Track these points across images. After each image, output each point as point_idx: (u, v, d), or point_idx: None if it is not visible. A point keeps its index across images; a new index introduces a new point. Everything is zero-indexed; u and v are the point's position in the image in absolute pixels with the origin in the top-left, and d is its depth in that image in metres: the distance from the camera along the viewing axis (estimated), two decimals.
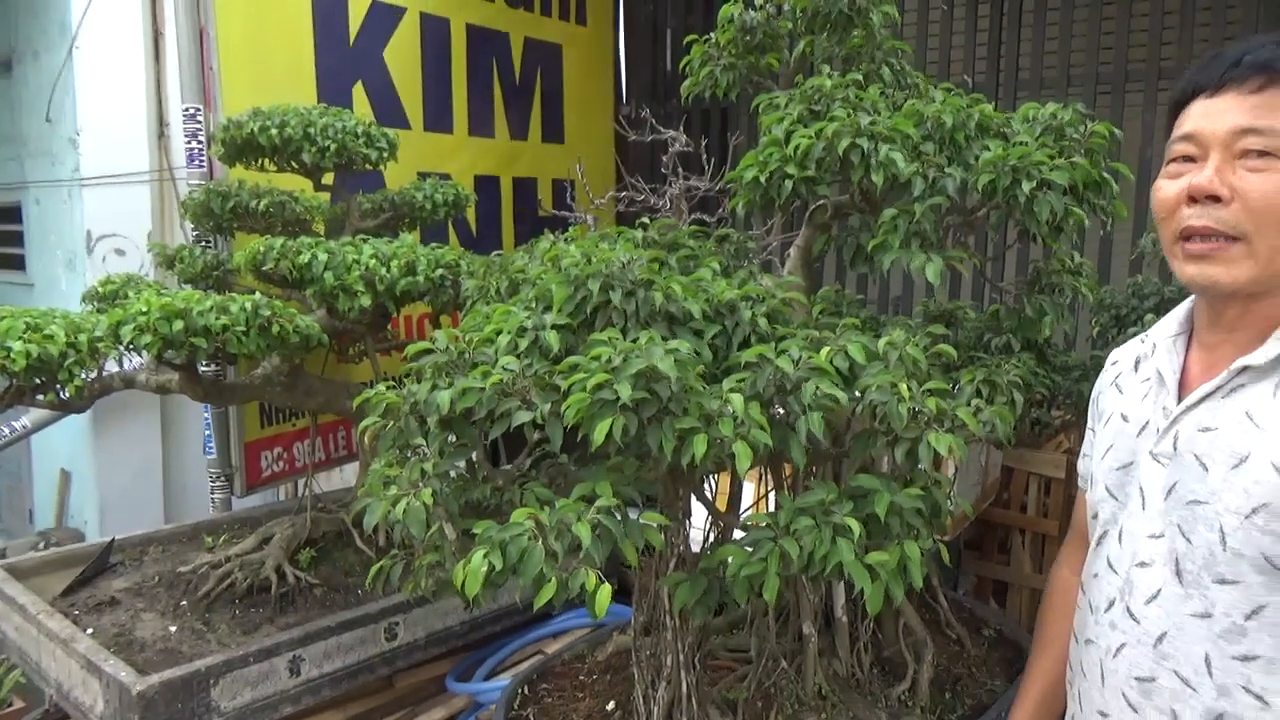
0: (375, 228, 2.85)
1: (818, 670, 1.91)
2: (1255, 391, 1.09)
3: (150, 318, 2.04)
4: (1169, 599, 1.14)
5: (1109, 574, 1.24)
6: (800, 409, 1.40)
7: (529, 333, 1.51)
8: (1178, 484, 1.14)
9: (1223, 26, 3.31)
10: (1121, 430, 1.27)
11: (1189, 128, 1.12)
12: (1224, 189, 1.07)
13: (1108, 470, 1.28)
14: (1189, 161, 1.11)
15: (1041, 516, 3.22)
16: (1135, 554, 1.20)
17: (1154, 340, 1.29)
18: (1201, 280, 1.11)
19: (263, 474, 3.11)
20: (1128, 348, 1.37)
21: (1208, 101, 1.10)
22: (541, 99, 4.21)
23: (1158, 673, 1.15)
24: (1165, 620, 1.15)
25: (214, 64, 2.88)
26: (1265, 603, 1.06)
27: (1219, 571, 1.09)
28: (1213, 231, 1.08)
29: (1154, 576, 1.16)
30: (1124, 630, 1.20)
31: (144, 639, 2.28)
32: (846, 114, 1.76)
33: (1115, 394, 1.33)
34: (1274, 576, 1.05)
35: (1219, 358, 1.15)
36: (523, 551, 1.24)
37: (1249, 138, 1.06)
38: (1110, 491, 1.27)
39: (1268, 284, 1.09)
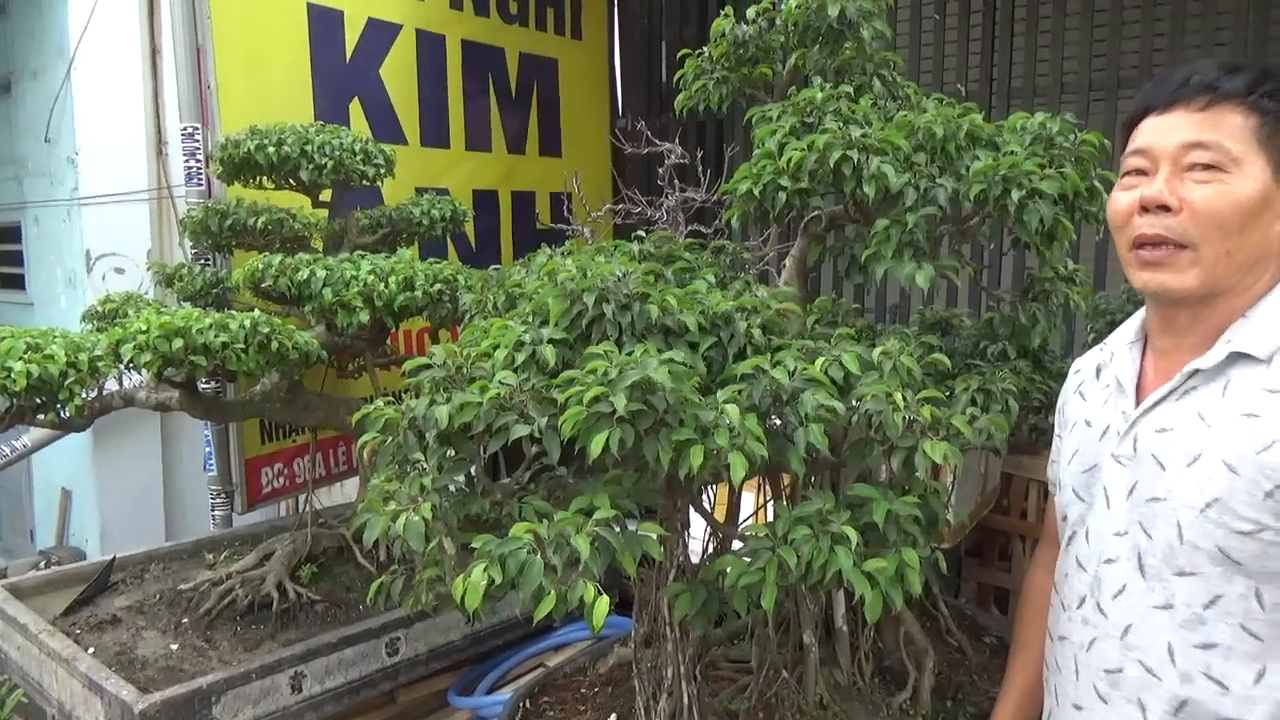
0: (373, 244, 2.87)
1: (819, 680, 1.91)
2: (1206, 393, 1.17)
3: (150, 336, 2.05)
4: (1133, 593, 1.21)
5: (1079, 572, 1.31)
6: (798, 420, 1.41)
7: (526, 347, 1.51)
8: (1138, 483, 1.21)
9: (1212, 33, 3.33)
10: (1086, 435, 1.34)
11: (1140, 143, 1.20)
12: (1173, 199, 1.14)
13: (1074, 474, 1.35)
14: (1141, 175, 1.19)
15: (1041, 523, 3.22)
16: (1102, 552, 1.26)
17: (1111, 348, 1.36)
18: (1154, 285, 1.19)
19: (263, 490, 3.11)
20: (1089, 356, 1.43)
21: (1158, 119, 1.19)
22: (538, 113, 4.24)
23: (1124, 664, 1.22)
24: (1130, 613, 1.21)
25: (211, 83, 2.89)
26: (1222, 592, 1.12)
27: (1178, 564, 1.15)
28: (1163, 239, 1.16)
29: (1119, 572, 1.23)
30: (1094, 625, 1.26)
31: (146, 657, 2.29)
32: (838, 126, 1.78)
33: (1079, 401, 1.40)
34: (1229, 567, 1.11)
35: (1172, 362, 1.22)
36: (522, 565, 1.25)
37: (1195, 151, 1.14)
38: (1077, 494, 1.34)
39: (1214, 289, 1.17)
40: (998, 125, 1.89)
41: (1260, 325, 1.15)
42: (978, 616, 2.54)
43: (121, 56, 3.89)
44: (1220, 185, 1.13)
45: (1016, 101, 3.69)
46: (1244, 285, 1.17)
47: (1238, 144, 1.13)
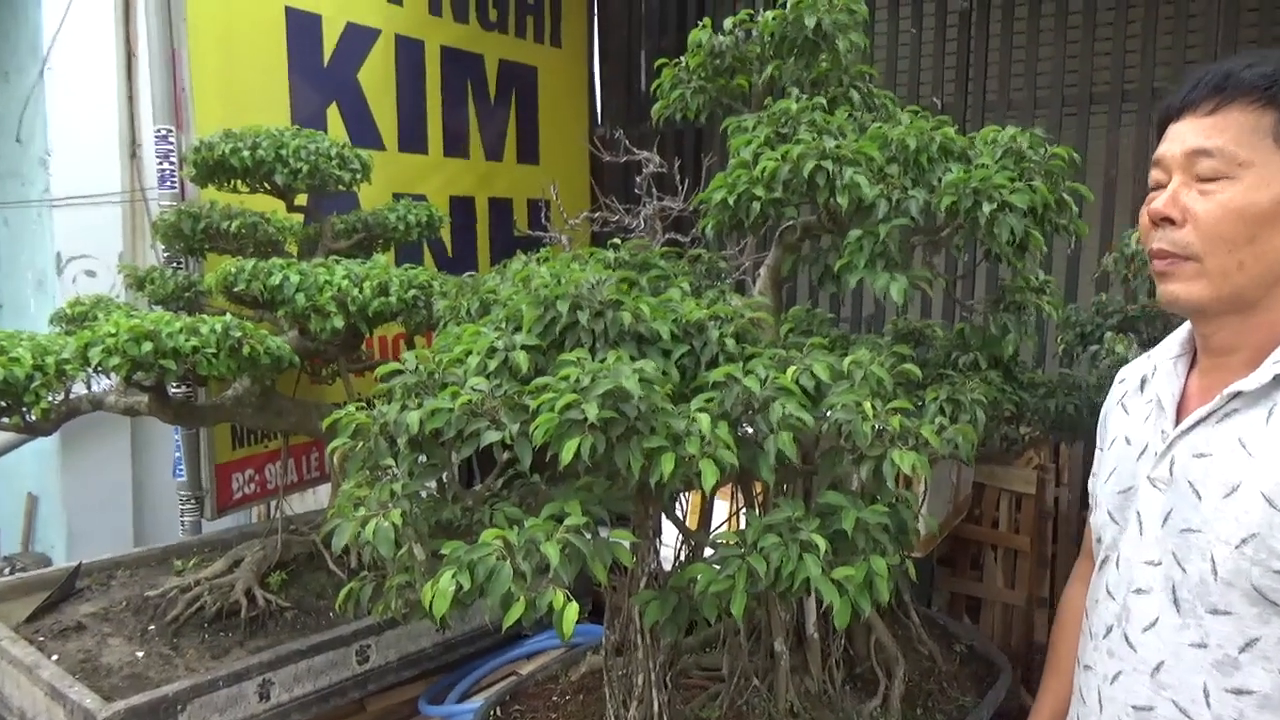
0: (348, 249, 2.85)
1: (789, 688, 1.91)
2: (1248, 417, 1.08)
3: (119, 339, 2.03)
4: (1167, 628, 1.12)
5: (1107, 600, 1.23)
6: (768, 428, 1.42)
7: (498, 353, 1.51)
8: (1173, 511, 1.13)
9: (1183, 50, 3.39)
10: (1124, 454, 1.26)
11: (1157, 152, 1.15)
12: (1176, 211, 1.10)
13: (1110, 494, 1.27)
14: (1160, 187, 1.14)
15: (1013, 532, 3.26)
16: (1132, 580, 1.18)
17: (1155, 361, 1.28)
18: (1166, 297, 1.13)
19: (234, 496, 3.08)
20: (1134, 365, 1.35)
21: (1174, 125, 1.13)
22: (516, 120, 4.24)
23: (1156, 702, 1.13)
24: (1163, 649, 1.12)
25: (186, 85, 2.87)
26: (1258, 635, 1.04)
27: (1211, 602, 1.07)
28: (1168, 254, 1.11)
29: (1151, 604, 1.14)
30: (1121, 657, 1.18)
31: (110, 665, 2.25)
32: (812, 137, 1.79)
33: (1121, 414, 1.31)
34: (1266, 608, 1.03)
35: (1214, 382, 1.14)
36: (490, 571, 1.24)
37: (1201, 159, 1.08)
38: (1111, 516, 1.26)
39: (1236, 303, 1.09)
40: (970, 138, 1.92)
41: None
42: (949, 625, 2.56)
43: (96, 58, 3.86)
44: (1224, 194, 1.06)
45: (991, 115, 3.73)
46: (1274, 299, 1.08)
47: (1246, 146, 1.05)
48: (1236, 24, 3.29)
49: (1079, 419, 2.13)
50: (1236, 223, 1.05)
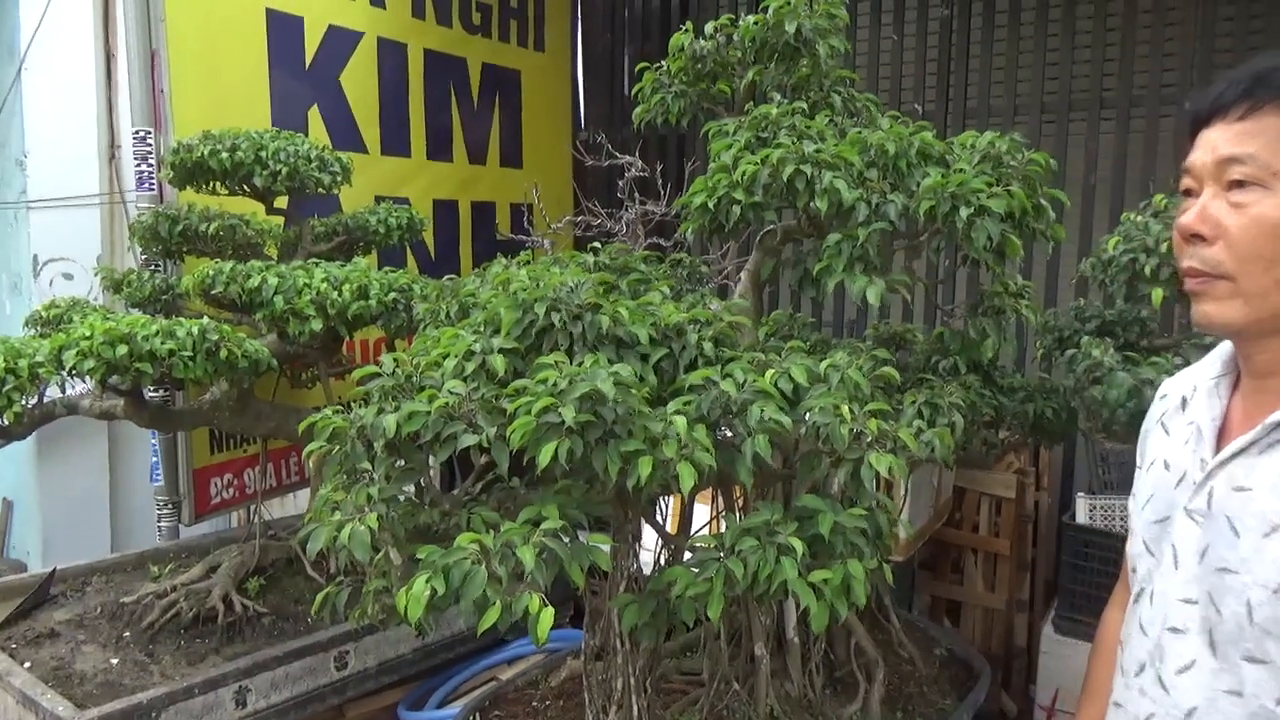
0: (328, 251, 2.84)
1: (770, 692, 1.91)
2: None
3: (93, 342, 2.01)
4: (1203, 671, 1.04)
5: (1140, 637, 1.15)
6: (746, 431, 1.42)
7: (476, 356, 1.51)
8: (1209, 547, 1.04)
9: (1160, 59, 3.43)
10: (1162, 480, 1.16)
11: (1187, 160, 1.06)
12: (1205, 227, 1.02)
13: (1147, 523, 1.17)
14: (1190, 196, 1.06)
15: (993, 536, 3.27)
16: (1166, 618, 1.10)
17: (1194, 380, 1.19)
18: (1200, 319, 1.05)
19: (212, 501, 3.05)
20: (1177, 380, 1.25)
21: (1204, 132, 1.05)
22: (500, 124, 4.23)
23: None
24: (1197, 694, 1.05)
25: (165, 87, 2.85)
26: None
27: (1247, 648, 1.00)
28: (1200, 272, 1.03)
29: (1188, 645, 1.06)
30: (1154, 699, 1.10)
31: (84, 672, 2.23)
32: (792, 141, 1.79)
33: (1161, 435, 1.21)
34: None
35: (1257, 406, 1.05)
36: (465, 575, 1.24)
37: (1233, 167, 1.00)
38: (1147, 546, 1.16)
39: (1273, 324, 1.01)
40: (948, 143, 1.93)
41: None
42: (929, 628, 2.57)
43: (75, 59, 3.82)
44: (1258, 207, 0.97)
45: (972, 121, 3.76)
46: None
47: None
48: (1212, 33, 3.33)
49: (1057, 423, 2.14)
50: (1273, 237, 0.97)
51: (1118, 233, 2.18)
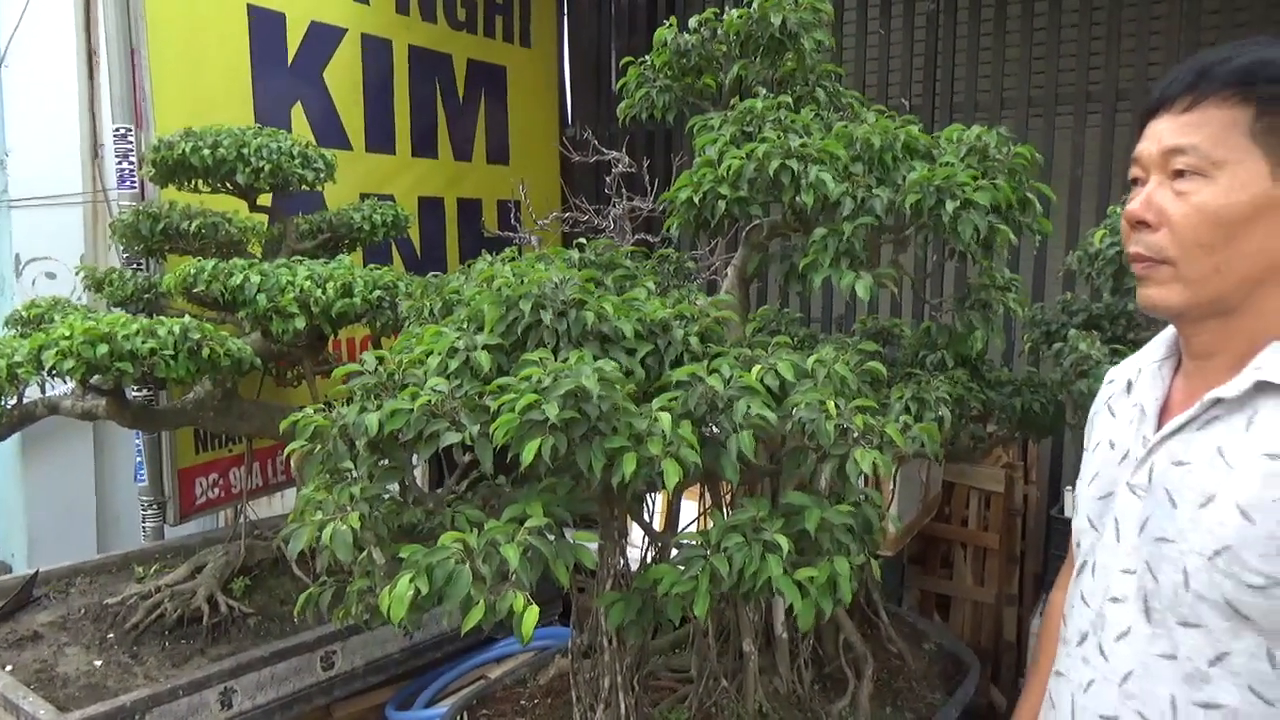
0: (313, 249, 2.81)
1: (758, 688, 1.91)
2: (1228, 426, 1.04)
3: (73, 342, 1.98)
4: (1138, 638, 1.09)
5: (1082, 607, 1.20)
6: (732, 427, 1.41)
7: (460, 353, 1.49)
8: (1149, 519, 1.09)
9: (1146, 53, 3.43)
10: (1107, 458, 1.22)
11: (1136, 151, 1.10)
12: (1150, 214, 1.06)
13: (1090, 499, 1.23)
14: (1138, 185, 1.10)
15: (982, 530, 3.28)
16: (1108, 588, 1.15)
17: (1140, 364, 1.24)
18: (1144, 302, 1.10)
19: (197, 501, 3.03)
20: (1123, 366, 1.30)
21: (1151, 123, 1.08)
22: (486, 120, 4.21)
23: (1122, 712, 1.11)
24: (1133, 659, 1.10)
25: (146, 84, 2.82)
26: (1228, 649, 1.01)
27: (1182, 613, 1.04)
28: (1145, 257, 1.07)
29: (1125, 613, 1.12)
30: (1094, 666, 1.15)
31: (67, 674, 2.20)
32: (777, 135, 1.78)
33: (1107, 417, 1.27)
34: (1237, 623, 1.00)
35: (1197, 386, 1.10)
36: (449, 575, 1.22)
37: (1176, 157, 1.03)
38: (1091, 521, 1.22)
39: (1213, 307, 1.05)
40: (934, 137, 1.92)
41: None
42: (918, 623, 2.56)
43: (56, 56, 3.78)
44: (1199, 195, 1.01)
45: (958, 116, 3.75)
46: (1258, 301, 1.04)
47: (1222, 145, 1.01)
48: (1198, 26, 3.33)
49: (1045, 417, 2.14)
50: (1213, 225, 1.01)
51: (1104, 226, 2.18)
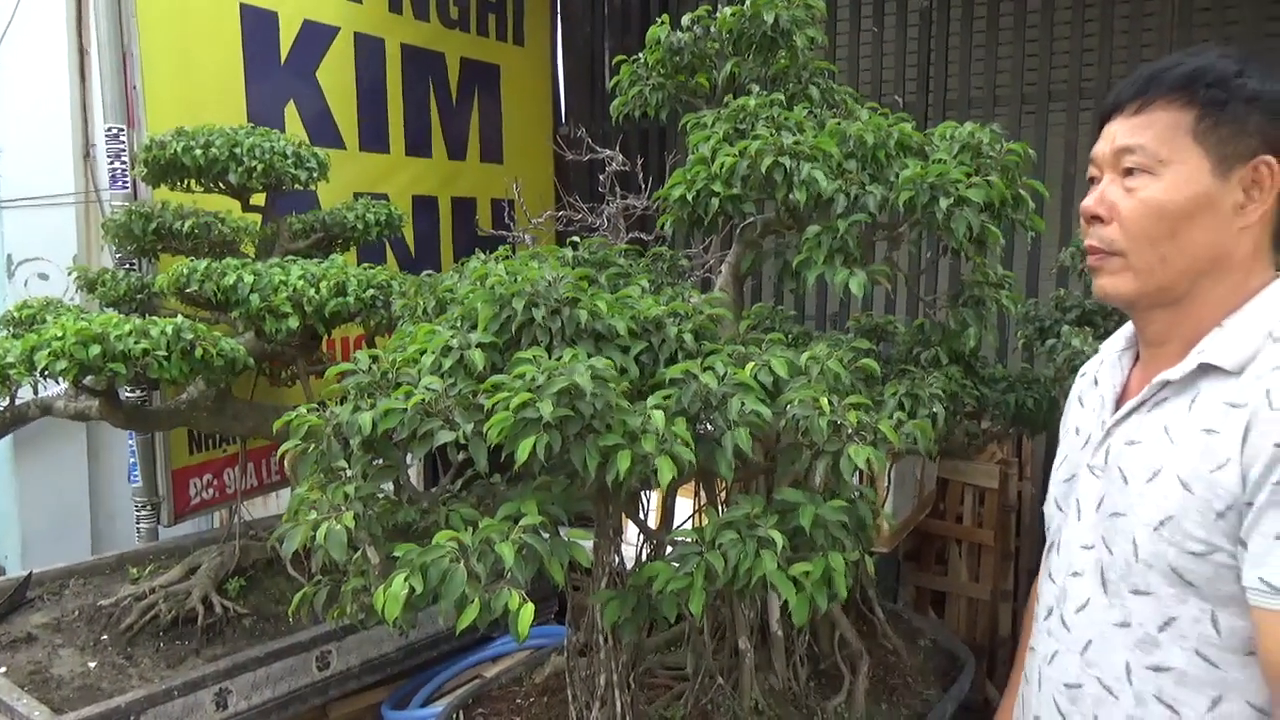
0: (306, 249, 2.81)
1: (754, 685, 1.91)
2: (1174, 406, 1.11)
3: (65, 343, 1.97)
4: (1095, 608, 1.17)
5: (1049, 584, 1.29)
6: (726, 424, 1.41)
7: (453, 352, 1.49)
8: (1105, 496, 1.18)
9: (1139, 50, 3.44)
10: (1073, 444, 1.31)
11: (1093, 151, 1.19)
12: (1103, 209, 1.14)
13: (1058, 483, 1.33)
14: (1095, 182, 1.18)
15: (977, 526, 3.28)
16: (1070, 564, 1.23)
17: (1103, 355, 1.33)
18: (1097, 291, 1.18)
19: (192, 502, 3.02)
20: (1093, 361, 1.39)
21: (1107, 125, 1.17)
22: (479, 119, 4.20)
23: (1084, 679, 1.18)
24: (1091, 629, 1.18)
25: (138, 83, 2.81)
26: (1176, 615, 1.08)
27: (1134, 582, 1.11)
28: (1098, 249, 1.16)
29: (1084, 586, 1.20)
30: (1058, 638, 1.24)
31: (61, 676, 2.20)
32: (770, 133, 1.78)
33: (1077, 407, 1.36)
34: (1183, 589, 1.07)
35: (1151, 372, 1.17)
36: (444, 574, 1.22)
37: (1127, 156, 1.12)
38: (1057, 503, 1.32)
39: (1160, 296, 1.13)
40: (927, 134, 1.92)
41: (1234, 336, 1.08)
42: (914, 620, 2.57)
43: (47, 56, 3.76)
44: (1146, 191, 1.09)
45: (952, 113, 3.76)
46: (1201, 291, 1.12)
47: (1167, 144, 1.09)
48: (1190, 23, 3.34)
49: (1039, 413, 2.14)
50: (1158, 219, 1.09)
51: None
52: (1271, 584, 0.98)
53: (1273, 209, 1.10)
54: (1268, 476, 0.98)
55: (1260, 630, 1.01)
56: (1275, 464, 0.98)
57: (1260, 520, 0.99)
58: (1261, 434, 1.00)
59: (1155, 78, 1.10)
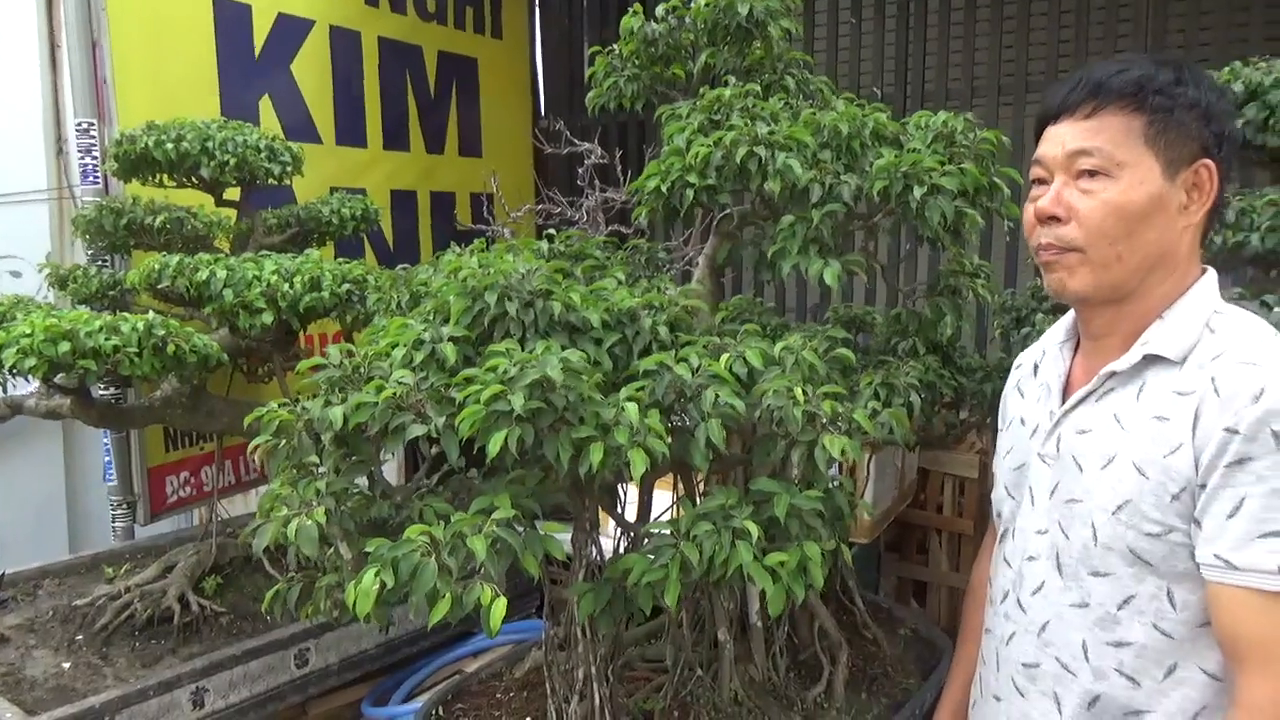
0: (281, 243, 2.78)
1: (733, 677, 1.91)
2: (1122, 395, 1.18)
3: (35, 340, 1.95)
4: (1051, 590, 1.23)
5: (1005, 568, 1.34)
6: (700, 416, 1.41)
7: (425, 345, 1.48)
8: (1059, 484, 1.23)
9: (1114, 40, 3.45)
10: (1019, 433, 1.35)
11: (1038, 153, 1.22)
12: (1061, 209, 1.17)
13: (1007, 471, 1.37)
14: (1042, 184, 1.21)
15: (957, 516, 3.29)
16: (1025, 549, 1.29)
17: (1044, 346, 1.38)
18: (1054, 286, 1.21)
19: (168, 500, 2.99)
20: (1029, 352, 1.44)
21: (1052, 127, 1.20)
22: (458, 112, 4.18)
23: (1041, 659, 1.24)
24: (1048, 610, 1.23)
25: (108, 76, 2.78)
26: (1134, 593, 1.14)
27: (1093, 565, 1.17)
28: (1055, 247, 1.19)
29: (1039, 569, 1.25)
30: (1015, 620, 1.29)
31: (35, 677, 2.17)
32: (744, 123, 1.78)
33: (1017, 397, 1.41)
34: (1140, 568, 1.13)
35: (1094, 363, 1.23)
36: (415, 568, 1.21)
37: (1081, 158, 1.15)
38: (1009, 491, 1.37)
39: (1114, 291, 1.18)
40: (902, 123, 1.92)
41: (1174, 327, 1.15)
42: (894, 609, 2.58)
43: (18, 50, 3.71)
44: (1105, 193, 1.13)
45: (930, 104, 3.77)
46: (1149, 286, 1.17)
47: (1122, 147, 1.13)
48: (1165, 14, 3.36)
49: None
50: (1117, 218, 1.13)
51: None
52: (1225, 559, 1.05)
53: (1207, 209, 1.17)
54: (1219, 459, 1.05)
55: (1215, 603, 1.08)
56: (1225, 447, 1.05)
57: (1213, 500, 1.06)
58: (1211, 420, 1.06)
59: (1104, 84, 1.14)
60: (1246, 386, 1.05)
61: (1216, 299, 1.18)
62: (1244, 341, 1.10)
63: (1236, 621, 1.05)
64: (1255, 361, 1.07)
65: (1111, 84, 1.14)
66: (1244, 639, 1.05)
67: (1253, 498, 1.03)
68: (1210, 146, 1.14)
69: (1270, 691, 1.03)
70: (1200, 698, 1.12)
